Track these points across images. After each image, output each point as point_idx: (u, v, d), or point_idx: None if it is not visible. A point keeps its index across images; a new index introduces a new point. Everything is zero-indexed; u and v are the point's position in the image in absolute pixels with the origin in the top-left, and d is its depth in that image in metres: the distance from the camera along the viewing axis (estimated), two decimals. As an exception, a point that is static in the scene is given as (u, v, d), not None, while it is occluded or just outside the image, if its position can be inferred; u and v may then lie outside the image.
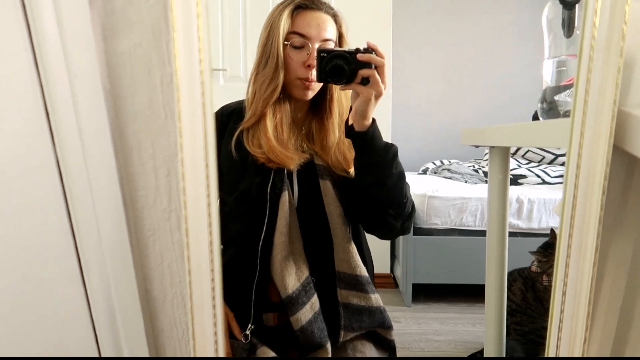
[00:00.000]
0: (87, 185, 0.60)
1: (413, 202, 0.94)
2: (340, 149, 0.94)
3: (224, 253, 0.95)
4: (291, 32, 0.90)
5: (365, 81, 0.81)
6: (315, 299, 0.91)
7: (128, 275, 0.61)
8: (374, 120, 0.85)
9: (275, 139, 0.91)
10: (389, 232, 0.95)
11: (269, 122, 0.91)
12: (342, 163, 0.93)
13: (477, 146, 1.14)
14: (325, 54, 0.81)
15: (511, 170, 3.01)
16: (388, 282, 2.53)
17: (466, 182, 2.82)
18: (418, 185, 2.42)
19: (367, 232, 1.00)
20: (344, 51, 0.82)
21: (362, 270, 0.93)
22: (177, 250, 0.63)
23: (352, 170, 0.92)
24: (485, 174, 2.89)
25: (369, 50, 0.81)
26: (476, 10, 3.42)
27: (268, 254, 0.90)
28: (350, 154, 0.92)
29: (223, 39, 2.45)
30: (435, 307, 2.29)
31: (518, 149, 3.02)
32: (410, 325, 2.09)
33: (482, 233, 2.22)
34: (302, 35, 0.90)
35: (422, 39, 3.46)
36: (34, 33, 0.54)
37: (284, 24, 0.89)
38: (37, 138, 0.58)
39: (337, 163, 0.93)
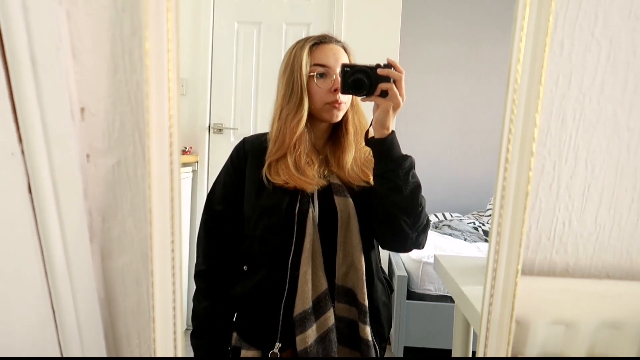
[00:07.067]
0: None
1: (428, 217, 1.00)
2: (357, 163, 1.03)
3: (250, 276, 1.03)
4: (313, 65, 1.00)
5: (385, 94, 0.90)
6: (328, 315, 0.97)
7: None
8: (393, 131, 0.93)
9: (295, 168, 1.00)
10: (404, 242, 0.99)
11: (289, 155, 1.00)
12: (361, 175, 1.02)
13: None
14: (349, 69, 0.91)
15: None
16: (382, 338, 2.62)
17: (465, 239, 2.90)
18: (415, 248, 2.51)
19: (383, 247, 1.07)
20: (365, 66, 0.90)
21: (359, 292, 0.99)
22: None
23: (371, 179, 1.00)
24: (486, 232, 2.96)
25: (388, 65, 0.90)
26: (491, 57, 3.43)
27: (296, 270, 0.97)
28: (368, 168, 1.01)
29: (235, 98, 2.58)
30: (426, 369, 2.38)
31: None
32: (399, 389, 2.18)
33: (473, 301, 2.30)
34: (323, 66, 1.00)
35: (430, 85, 3.52)
36: (47, 261, 0.67)
37: (305, 59, 1.00)
38: (46, 328, 0.71)
39: (356, 176, 1.02)
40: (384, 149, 0.93)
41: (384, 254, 2.44)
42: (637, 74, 0.62)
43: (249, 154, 1.07)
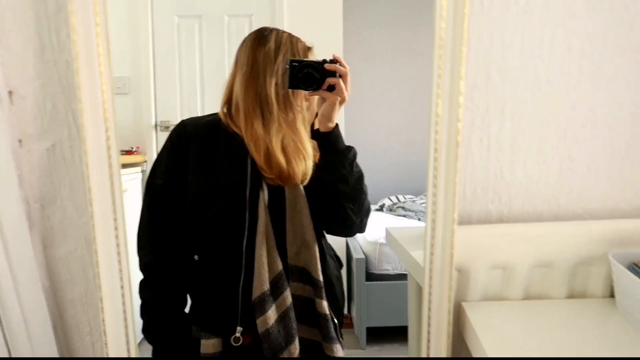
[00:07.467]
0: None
1: (369, 202, 1.04)
2: None
3: (203, 265, 1.00)
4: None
5: (331, 88, 0.92)
6: (285, 295, 0.98)
7: None
8: (337, 124, 0.97)
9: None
10: (349, 227, 1.03)
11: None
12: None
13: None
14: (297, 64, 0.92)
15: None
16: (345, 321, 2.65)
17: (419, 219, 2.97)
18: (370, 229, 2.55)
19: (329, 233, 1.09)
20: (313, 61, 0.93)
21: (313, 269, 1.00)
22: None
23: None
24: (437, 211, 3.03)
25: (334, 61, 0.93)
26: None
27: (250, 254, 0.97)
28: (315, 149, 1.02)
29: (181, 94, 2.54)
30: (389, 347, 2.42)
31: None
32: (365, 368, 2.22)
33: (430, 277, 2.36)
34: None
35: (377, 71, 3.56)
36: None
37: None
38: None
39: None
40: (330, 141, 0.97)
41: (341, 237, 2.47)
42: (552, 27, 0.66)
43: (192, 137, 1.05)
